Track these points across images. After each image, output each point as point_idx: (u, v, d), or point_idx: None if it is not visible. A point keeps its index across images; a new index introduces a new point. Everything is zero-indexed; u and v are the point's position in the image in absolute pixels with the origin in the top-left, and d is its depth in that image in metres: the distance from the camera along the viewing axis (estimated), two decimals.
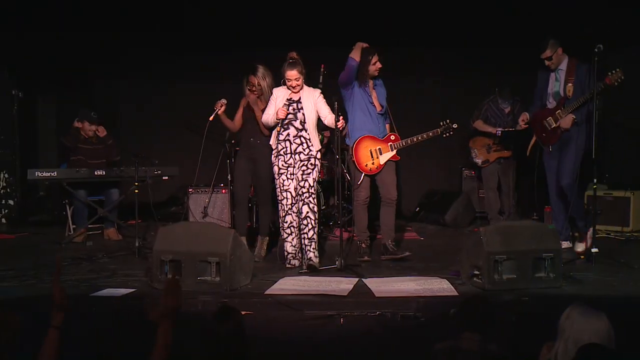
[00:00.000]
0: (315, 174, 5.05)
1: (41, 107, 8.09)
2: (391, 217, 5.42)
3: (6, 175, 7.57)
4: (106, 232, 6.49)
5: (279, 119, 5.00)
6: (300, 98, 5.08)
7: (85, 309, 3.94)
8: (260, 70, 5.44)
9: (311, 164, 5.05)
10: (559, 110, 5.25)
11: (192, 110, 7.34)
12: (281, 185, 5.08)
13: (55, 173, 6.08)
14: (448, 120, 5.36)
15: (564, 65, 5.27)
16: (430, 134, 5.37)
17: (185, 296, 4.02)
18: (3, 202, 7.57)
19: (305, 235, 5.02)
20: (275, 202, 5.32)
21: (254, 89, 5.45)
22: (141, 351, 3.63)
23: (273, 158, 5.13)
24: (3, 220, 7.55)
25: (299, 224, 5.06)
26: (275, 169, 5.12)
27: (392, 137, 5.38)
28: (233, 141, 6.71)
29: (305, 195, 5.01)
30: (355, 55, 5.26)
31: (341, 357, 3.66)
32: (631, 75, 6.80)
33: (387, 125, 5.50)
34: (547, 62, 5.27)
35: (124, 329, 3.78)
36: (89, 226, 6.40)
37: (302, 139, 5.05)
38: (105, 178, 6.24)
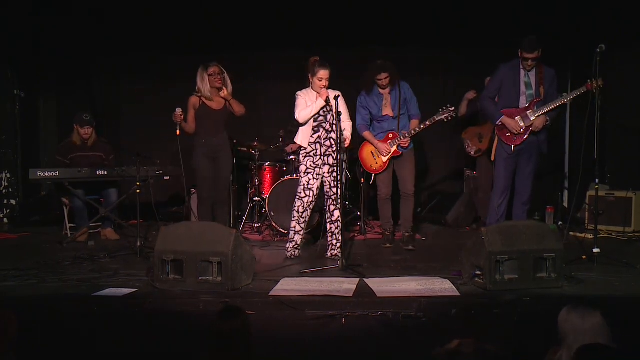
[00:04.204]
0: (344, 179, 5.31)
1: (42, 107, 8.09)
2: (407, 209, 5.84)
3: (8, 175, 7.58)
4: (103, 232, 6.48)
5: (326, 100, 5.14)
6: (327, 100, 5.23)
7: (87, 308, 3.95)
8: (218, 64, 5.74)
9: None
10: (530, 111, 5.28)
11: None
12: (306, 183, 5.27)
13: (57, 173, 6.06)
14: (447, 106, 5.65)
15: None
16: (427, 122, 5.65)
17: (187, 296, 4.07)
18: (5, 201, 7.58)
19: (335, 235, 5.29)
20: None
21: (218, 78, 5.65)
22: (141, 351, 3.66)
23: (301, 158, 5.32)
24: (5, 219, 7.56)
25: (329, 226, 5.35)
26: (303, 167, 5.29)
27: (390, 136, 5.70)
28: (235, 141, 6.72)
29: (338, 200, 5.23)
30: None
31: (343, 357, 3.66)
32: (633, 75, 6.83)
33: (415, 121, 5.75)
34: (530, 62, 5.28)
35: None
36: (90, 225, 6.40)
37: (331, 141, 5.27)
38: (107, 178, 6.23)
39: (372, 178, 5.83)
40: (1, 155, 7.55)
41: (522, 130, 5.32)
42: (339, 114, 4.99)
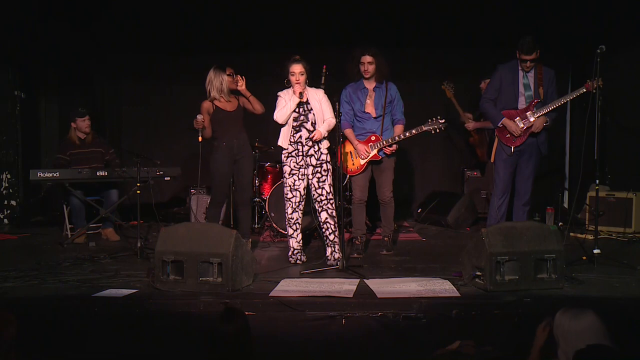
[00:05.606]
0: (329, 179, 5.18)
1: (43, 107, 8.09)
2: (387, 214, 5.63)
3: (9, 176, 7.57)
4: (104, 232, 6.48)
5: (299, 96, 5.05)
6: (307, 99, 5.17)
7: (88, 309, 3.95)
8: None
9: (324, 170, 5.18)
10: (530, 112, 5.28)
11: (194, 111, 7.35)
12: (292, 184, 5.19)
13: (58, 174, 6.06)
14: (437, 117, 5.44)
15: (532, 68, 5.33)
16: (414, 131, 5.43)
17: (188, 297, 4.07)
18: (5, 202, 7.58)
19: (328, 239, 5.20)
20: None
21: (234, 79, 5.61)
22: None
23: (283, 158, 5.23)
24: (5, 220, 7.55)
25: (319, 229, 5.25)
26: (287, 169, 5.21)
27: (373, 138, 5.45)
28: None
29: (323, 202, 5.17)
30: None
31: (343, 357, 3.67)
32: (633, 75, 6.83)
33: (399, 127, 5.48)
34: (528, 64, 5.26)
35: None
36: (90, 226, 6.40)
37: (313, 141, 5.17)
38: (107, 179, 6.23)
39: (347, 179, 5.62)
40: (2, 156, 7.54)
41: (521, 131, 5.32)
42: (340, 115, 4.96)
